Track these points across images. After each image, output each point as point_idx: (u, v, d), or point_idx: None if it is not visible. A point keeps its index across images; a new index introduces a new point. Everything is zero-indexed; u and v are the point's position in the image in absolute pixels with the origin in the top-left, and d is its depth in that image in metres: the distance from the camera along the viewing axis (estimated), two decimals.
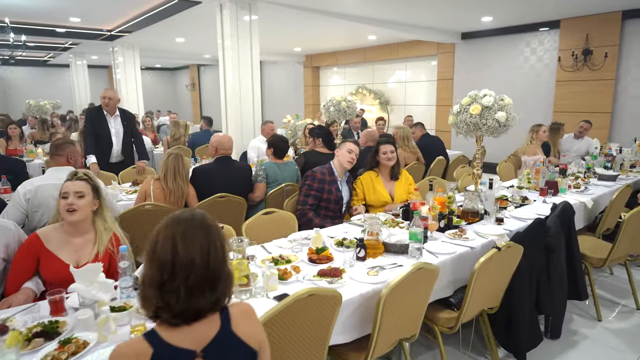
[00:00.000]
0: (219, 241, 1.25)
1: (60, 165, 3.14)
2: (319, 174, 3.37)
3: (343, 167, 3.44)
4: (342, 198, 3.43)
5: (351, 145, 3.42)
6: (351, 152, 3.41)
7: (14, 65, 18.46)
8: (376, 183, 3.62)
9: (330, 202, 3.38)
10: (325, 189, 3.35)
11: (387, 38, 10.94)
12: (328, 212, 3.40)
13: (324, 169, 3.42)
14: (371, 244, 2.50)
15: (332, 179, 3.39)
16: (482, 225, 3.05)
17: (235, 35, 6.58)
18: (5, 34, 7.21)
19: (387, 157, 3.57)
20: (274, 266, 2.27)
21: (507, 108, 3.21)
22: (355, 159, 3.42)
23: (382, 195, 3.58)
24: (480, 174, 3.55)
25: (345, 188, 3.50)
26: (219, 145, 3.82)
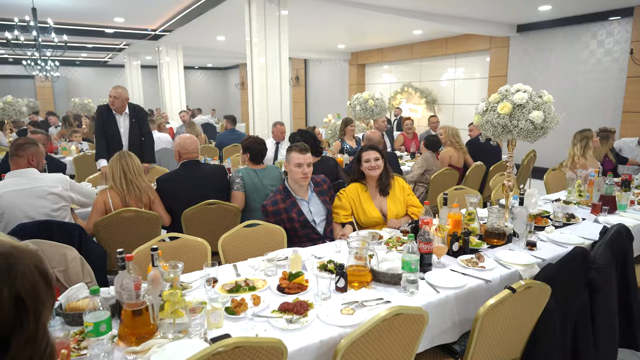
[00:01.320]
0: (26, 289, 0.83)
1: (20, 167, 2.90)
2: (269, 206, 2.81)
3: (299, 185, 2.86)
4: (309, 221, 2.84)
5: (297, 156, 2.75)
6: (300, 165, 2.75)
7: (78, 66, 19.62)
8: (364, 199, 3.03)
9: (296, 230, 2.84)
10: (284, 219, 2.80)
11: (435, 33, 10.24)
12: (301, 239, 2.88)
13: (277, 195, 2.85)
14: (355, 272, 2.05)
15: (290, 202, 2.83)
16: (507, 250, 2.49)
17: (263, 30, 6.30)
18: (47, 34, 7.39)
19: (370, 166, 2.98)
20: (224, 296, 1.88)
21: (546, 107, 2.60)
22: (307, 171, 2.79)
23: (371, 213, 3.00)
24: (511, 186, 2.95)
25: (315, 204, 2.92)
26: (181, 149, 3.41)
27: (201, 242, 2.47)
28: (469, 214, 2.69)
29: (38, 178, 2.88)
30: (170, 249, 2.40)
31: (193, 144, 3.45)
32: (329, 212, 2.97)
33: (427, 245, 2.17)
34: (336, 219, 3.01)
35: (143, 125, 4.88)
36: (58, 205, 2.90)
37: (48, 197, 2.85)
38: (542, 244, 2.59)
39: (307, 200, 2.89)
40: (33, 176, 2.87)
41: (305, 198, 2.88)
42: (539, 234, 2.77)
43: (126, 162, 3.14)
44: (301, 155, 2.77)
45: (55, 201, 2.88)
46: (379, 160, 3.00)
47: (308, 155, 2.80)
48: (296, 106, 17.10)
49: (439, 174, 4.51)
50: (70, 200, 3.01)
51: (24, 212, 2.77)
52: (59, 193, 2.90)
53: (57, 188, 2.90)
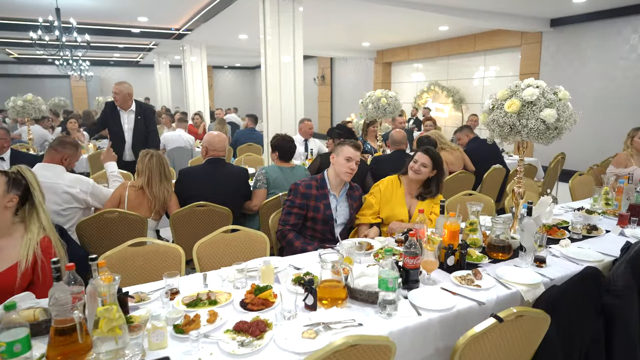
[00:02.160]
0: None
1: (52, 162, 2.96)
2: (302, 187, 2.72)
3: (340, 179, 2.75)
4: (332, 217, 2.74)
5: (350, 150, 2.71)
6: (350, 159, 2.70)
7: (112, 66, 20.19)
8: (396, 193, 2.90)
9: (316, 222, 2.72)
10: (309, 206, 2.70)
11: (462, 29, 9.81)
12: (315, 234, 2.75)
13: (312, 180, 2.77)
14: (328, 287, 1.83)
15: (322, 193, 2.73)
16: (511, 266, 2.20)
17: (277, 27, 6.13)
18: (69, 34, 7.51)
19: (414, 168, 2.85)
20: (177, 311, 1.70)
21: (561, 104, 2.29)
22: (355, 168, 2.72)
23: (398, 209, 2.86)
24: (522, 192, 2.64)
25: (342, 205, 2.81)
26: (209, 145, 3.34)
27: (174, 247, 2.31)
28: (471, 224, 2.42)
29: (60, 175, 2.91)
30: (139, 256, 2.25)
31: (221, 142, 3.37)
32: (351, 219, 2.86)
33: (413, 259, 1.93)
34: (362, 220, 2.87)
35: (149, 123, 4.82)
36: (69, 205, 2.91)
37: (62, 195, 2.87)
38: (554, 260, 2.29)
39: (337, 197, 2.79)
40: (56, 172, 2.91)
41: (337, 195, 2.79)
42: (552, 248, 2.46)
43: (166, 165, 3.12)
44: (354, 150, 2.71)
45: (67, 200, 2.89)
46: (426, 167, 2.84)
47: (359, 154, 2.75)
48: (322, 105, 16.93)
49: (451, 179, 4.21)
50: (85, 204, 3.01)
51: None
52: (75, 194, 2.92)
53: (75, 189, 2.93)
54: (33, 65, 18.46)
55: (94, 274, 1.59)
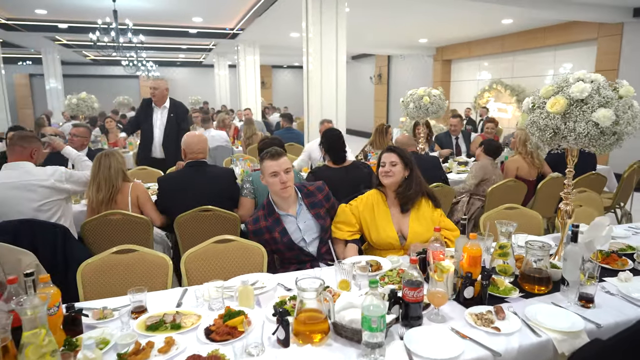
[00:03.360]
0: None
1: (18, 159, 2.82)
2: (250, 225, 2.38)
3: (283, 198, 2.36)
4: (293, 242, 2.35)
5: (269, 164, 2.29)
6: (275, 174, 2.28)
7: (178, 66, 21.11)
8: (379, 213, 2.44)
9: (282, 251, 2.38)
10: (267, 240, 2.35)
11: (529, 22, 8.97)
12: (291, 260, 2.41)
13: (259, 211, 2.41)
14: (307, 319, 1.54)
15: (273, 220, 2.36)
16: (547, 304, 1.77)
17: (319, 25, 5.90)
18: (124, 35, 7.78)
19: (383, 171, 2.41)
20: (128, 336, 1.49)
21: (621, 103, 1.82)
22: (286, 179, 2.29)
23: (386, 232, 2.41)
24: (570, 211, 2.17)
25: (305, 219, 2.40)
26: (187, 148, 3.10)
27: (162, 257, 2.13)
28: (500, 247, 2.01)
29: (30, 172, 2.81)
30: (122, 264, 2.09)
31: (200, 143, 3.15)
32: (324, 229, 2.44)
33: (414, 291, 1.58)
34: (337, 235, 2.46)
35: (181, 121, 4.77)
36: (48, 200, 2.80)
37: (39, 190, 2.77)
38: (606, 300, 1.82)
39: (295, 215, 2.40)
40: (25, 169, 2.80)
41: (292, 212, 2.40)
42: (608, 281, 1.98)
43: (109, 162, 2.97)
44: (274, 161, 2.29)
45: (45, 195, 2.79)
46: (396, 165, 2.40)
47: (283, 160, 2.32)
48: (378, 105, 16.47)
49: (498, 187, 3.70)
50: (66, 193, 2.92)
51: (12, 205, 2.70)
52: (50, 186, 2.80)
53: (49, 181, 2.81)
54: (107, 67, 19.74)
55: (29, 291, 1.41)
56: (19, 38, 11.59)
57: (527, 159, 3.95)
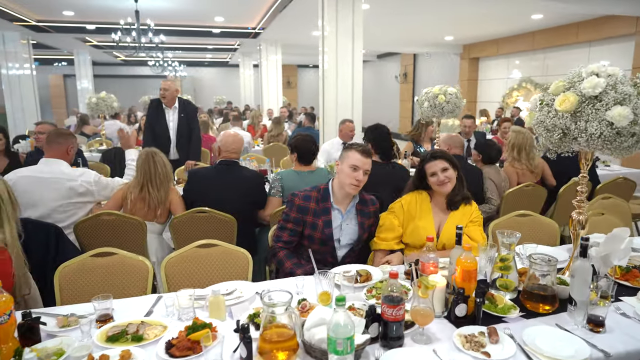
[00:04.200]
0: None
1: (55, 156, 2.88)
2: (298, 199, 2.27)
3: (345, 192, 2.27)
4: (332, 238, 2.25)
5: (356, 156, 2.20)
6: (356, 168, 2.19)
7: (205, 66, 21.39)
8: (422, 210, 2.35)
9: (313, 242, 2.25)
10: (306, 222, 2.24)
11: (560, 17, 8.52)
12: (314, 255, 2.30)
13: (313, 191, 2.30)
14: (274, 337, 1.40)
15: (323, 207, 2.26)
16: (551, 326, 1.58)
17: (334, 23, 5.75)
18: (144, 35, 7.86)
19: (439, 180, 2.28)
20: (81, 348, 1.40)
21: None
22: (362, 180, 2.20)
23: (424, 229, 2.29)
24: (582, 221, 1.94)
25: (349, 223, 2.31)
26: (223, 146, 3.07)
27: (142, 261, 2.05)
28: (502, 260, 1.82)
29: (62, 169, 2.84)
30: (101, 268, 2.02)
31: (235, 142, 3.10)
32: (361, 240, 2.34)
33: (392, 309, 1.42)
34: (380, 245, 2.34)
35: (191, 121, 4.73)
36: (69, 201, 2.82)
37: (64, 190, 2.79)
38: (620, 323, 1.61)
39: (343, 213, 2.30)
40: (60, 168, 2.84)
41: (342, 210, 2.30)
42: (625, 301, 1.76)
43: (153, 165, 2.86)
44: (362, 157, 2.19)
45: (68, 195, 2.80)
46: (447, 170, 2.28)
47: (369, 161, 2.22)
48: (403, 105, 16.16)
49: (513, 192, 3.43)
50: (90, 196, 2.92)
51: (36, 200, 2.73)
52: (76, 187, 2.82)
53: (76, 182, 2.83)
54: (137, 67, 20.19)
55: None
56: (51, 39, 11.95)
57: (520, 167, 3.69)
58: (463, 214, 2.35)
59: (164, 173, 2.87)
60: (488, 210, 3.39)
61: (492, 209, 3.43)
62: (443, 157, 2.32)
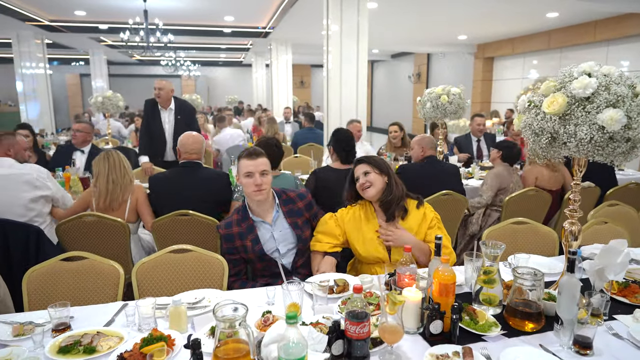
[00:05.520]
0: None
1: None
2: (222, 229, 2.17)
3: (256, 202, 2.14)
4: (264, 252, 2.14)
5: (244, 163, 2.09)
6: (250, 174, 2.06)
7: (220, 66, 21.48)
8: (366, 224, 2.19)
9: (253, 262, 2.17)
10: (237, 247, 2.14)
11: (577, 15, 8.24)
12: (263, 272, 2.20)
13: (234, 214, 2.20)
14: (225, 353, 1.31)
15: (246, 226, 2.15)
16: (534, 346, 1.45)
17: (339, 22, 5.65)
18: (153, 35, 7.88)
19: (360, 185, 2.17)
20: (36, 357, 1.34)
21: (635, 102, 1.46)
22: (262, 182, 2.06)
23: (373, 244, 2.15)
24: (575, 231, 1.80)
25: (281, 228, 2.19)
26: (182, 147, 2.99)
27: (113, 266, 1.98)
28: (485, 273, 1.69)
29: (12, 165, 2.82)
30: (71, 272, 1.96)
31: (195, 143, 3.03)
32: (301, 240, 2.21)
33: (356, 326, 1.32)
34: (316, 247, 2.23)
35: (190, 122, 4.67)
36: (35, 194, 2.79)
37: (23, 186, 2.76)
38: (611, 344, 1.47)
39: (270, 222, 2.18)
40: (8, 164, 2.81)
41: (268, 220, 2.18)
42: (620, 320, 1.62)
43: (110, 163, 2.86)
44: (250, 161, 2.08)
45: (30, 190, 2.77)
46: (369, 174, 2.16)
47: (261, 161, 2.10)
48: (416, 104, 15.91)
49: (515, 197, 3.28)
50: (46, 190, 2.87)
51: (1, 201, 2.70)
52: (33, 182, 2.78)
53: (32, 175, 2.80)
54: (151, 66, 20.39)
55: None
56: (66, 39, 12.11)
57: (547, 166, 3.49)
58: (416, 223, 2.17)
59: (121, 172, 2.83)
60: (477, 204, 3.32)
61: (481, 204, 3.35)
62: (366, 162, 2.20)
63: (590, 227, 2.46)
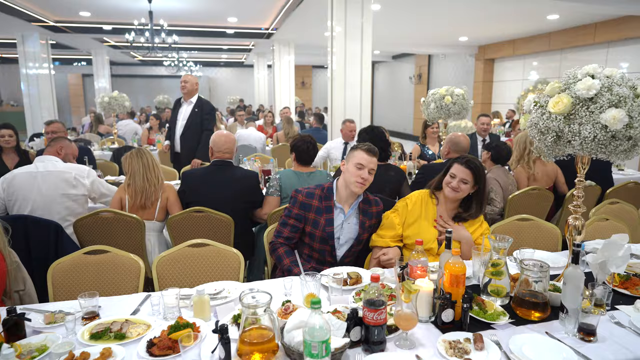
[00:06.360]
0: None
1: (48, 154, 3.04)
2: (302, 196, 2.27)
3: (350, 191, 2.26)
4: (332, 236, 2.24)
5: (361, 155, 2.21)
6: (361, 167, 2.19)
7: (221, 66, 21.56)
8: (426, 211, 2.31)
9: (314, 239, 2.26)
10: (308, 219, 2.25)
11: (577, 17, 8.34)
12: (312, 253, 2.31)
13: (317, 189, 2.30)
14: (254, 338, 1.40)
15: (325, 206, 2.25)
16: (541, 334, 1.53)
17: (343, 22, 5.74)
18: (158, 35, 7.95)
19: (452, 185, 2.22)
20: (64, 344, 1.42)
21: (637, 102, 1.54)
22: (367, 178, 2.19)
23: (425, 230, 2.26)
24: (579, 226, 1.88)
25: (350, 222, 2.30)
26: (214, 146, 3.07)
27: (134, 260, 2.06)
28: (493, 265, 1.78)
29: (55, 164, 2.94)
30: (93, 265, 2.04)
31: (227, 142, 3.09)
32: (359, 240, 2.32)
33: (373, 312, 1.40)
34: (378, 242, 2.31)
35: (205, 119, 4.79)
36: (67, 192, 2.88)
37: (58, 183, 2.87)
38: (614, 332, 1.55)
39: (346, 213, 2.29)
40: (52, 162, 2.95)
41: (345, 209, 2.30)
42: (621, 310, 1.70)
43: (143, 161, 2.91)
44: (367, 156, 2.20)
45: (63, 187, 2.87)
46: (466, 184, 2.21)
47: (374, 160, 2.23)
48: (417, 106, 16.01)
49: (519, 195, 3.36)
50: (84, 190, 2.97)
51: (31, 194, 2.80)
52: (70, 180, 2.90)
53: (70, 174, 2.91)
54: (154, 67, 20.47)
55: None
56: (70, 40, 12.18)
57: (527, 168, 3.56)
58: (471, 229, 2.28)
59: (151, 171, 2.89)
60: (490, 212, 3.32)
61: (494, 211, 3.35)
62: (471, 169, 2.20)
63: (592, 223, 2.54)
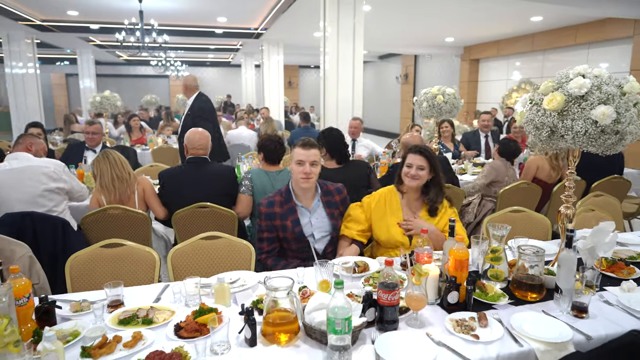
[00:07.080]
0: None
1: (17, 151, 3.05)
2: (263, 207, 2.34)
3: (301, 188, 2.34)
4: (303, 235, 2.33)
5: (298, 152, 2.28)
6: (301, 163, 2.26)
7: (208, 66, 21.49)
8: (392, 210, 2.40)
9: (289, 242, 2.35)
10: (277, 226, 2.33)
11: (560, 19, 8.63)
12: (295, 254, 2.39)
13: (277, 195, 2.37)
14: (277, 319, 1.50)
15: (288, 208, 2.34)
16: (538, 312, 1.67)
17: (335, 24, 5.86)
18: (148, 35, 7.96)
19: (410, 173, 2.33)
20: (96, 329, 1.50)
21: (623, 100, 1.69)
22: (310, 171, 2.26)
23: (396, 230, 2.36)
24: (570, 215, 2.03)
25: (318, 216, 2.39)
26: (189, 143, 3.12)
27: (149, 252, 2.14)
28: (493, 252, 1.91)
29: (31, 159, 2.94)
30: (110, 258, 2.11)
31: (202, 139, 3.16)
32: (335, 229, 2.42)
33: (387, 294, 1.52)
34: (345, 232, 2.42)
35: (196, 116, 4.84)
36: (49, 186, 2.89)
37: (40, 177, 2.87)
38: (603, 310, 1.70)
39: (310, 209, 2.38)
40: (26, 157, 2.94)
41: (308, 207, 2.38)
42: (609, 291, 1.85)
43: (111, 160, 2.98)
44: (304, 150, 2.27)
45: (45, 181, 2.88)
46: (423, 170, 2.33)
47: (313, 152, 2.29)
48: (404, 105, 16.26)
49: (509, 189, 3.54)
50: (64, 184, 2.99)
51: (15, 191, 2.81)
52: (50, 174, 2.91)
53: (49, 168, 2.93)
54: (139, 66, 20.31)
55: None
56: (55, 39, 12.06)
57: (549, 160, 3.72)
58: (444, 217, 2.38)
59: (120, 167, 2.95)
60: (471, 189, 3.64)
61: (475, 188, 3.74)
62: (424, 155, 2.33)
63: (579, 214, 2.70)
